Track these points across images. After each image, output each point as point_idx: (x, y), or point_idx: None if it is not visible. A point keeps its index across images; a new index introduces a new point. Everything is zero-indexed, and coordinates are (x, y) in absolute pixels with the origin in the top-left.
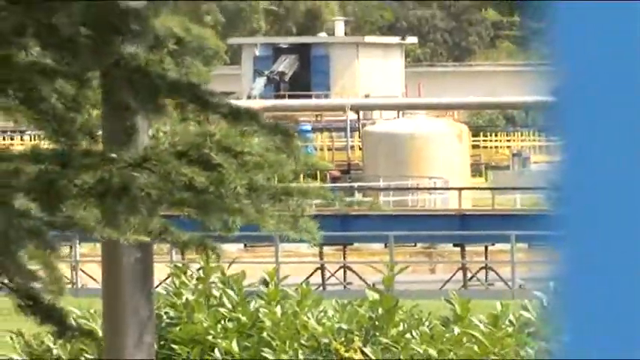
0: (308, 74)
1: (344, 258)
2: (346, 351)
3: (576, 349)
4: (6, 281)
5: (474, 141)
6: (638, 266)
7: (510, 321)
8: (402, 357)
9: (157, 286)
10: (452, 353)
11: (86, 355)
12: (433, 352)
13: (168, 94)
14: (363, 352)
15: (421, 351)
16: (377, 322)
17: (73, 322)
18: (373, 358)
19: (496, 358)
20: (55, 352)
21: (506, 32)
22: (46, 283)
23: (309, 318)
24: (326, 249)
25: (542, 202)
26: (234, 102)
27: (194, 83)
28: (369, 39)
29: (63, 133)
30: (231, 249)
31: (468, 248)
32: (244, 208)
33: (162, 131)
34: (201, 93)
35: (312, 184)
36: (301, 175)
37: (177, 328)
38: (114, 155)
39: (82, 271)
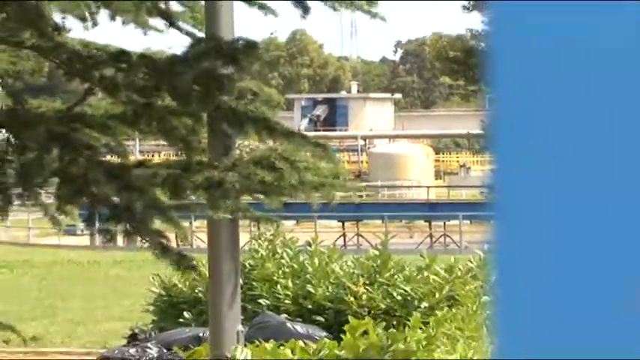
0: (334, 117)
1: (357, 229)
2: (356, 287)
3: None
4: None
5: (436, 158)
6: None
7: (459, 268)
8: (390, 290)
9: (243, 246)
10: (422, 288)
11: (199, 288)
12: (410, 288)
13: (250, 125)
14: (365, 288)
15: (403, 287)
16: (376, 269)
17: (192, 262)
18: (372, 289)
19: (450, 292)
20: (179, 285)
21: (456, 91)
22: (176, 237)
23: (335, 266)
24: (346, 224)
25: (478, 195)
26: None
27: (266, 118)
28: (372, 95)
29: (185, 150)
30: (288, 223)
31: (433, 223)
32: (296, 192)
33: (246, 148)
34: (270, 124)
35: (338, 181)
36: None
37: (255, 272)
38: (216, 163)
39: (197, 237)
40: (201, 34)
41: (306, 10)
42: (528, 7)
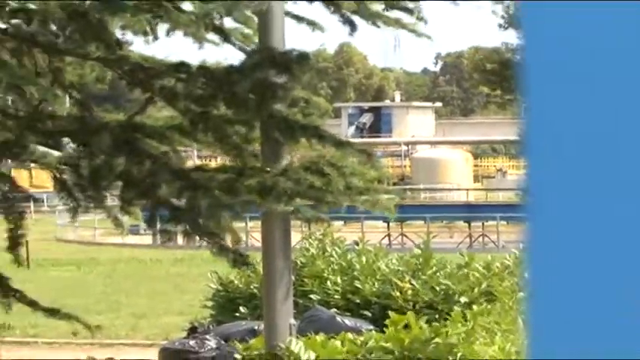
0: (379, 124)
1: (401, 229)
2: (401, 283)
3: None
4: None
5: (474, 162)
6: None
7: (496, 266)
8: (432, 286)
9: (294, 245)
10: (462, 284)
11: (254, 284)
12: (451, 283)
13: (300, 133)
14: (410, 283)
15: (444, 281)
16: (419, 266)
17: (247, 259)
18: (416, 285)
19: (488, 288)
20: (235, 282)
21: (493, 100)
22: (231, 239)
23: (381, 264)
24: (391, 224)
25: (514, 197)
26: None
27: (316, 126)
28: (414, 104)
29: (239, 157)
30: (336, 223)
31: (472, 224)
32: (343, 198)
33: (296, 154)
34: (319, 131)
35: (382, 185)
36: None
37: (306, 269)
38: (268, 168)
39: (252, 236)
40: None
41: (353, 26)
42: (557, 23)
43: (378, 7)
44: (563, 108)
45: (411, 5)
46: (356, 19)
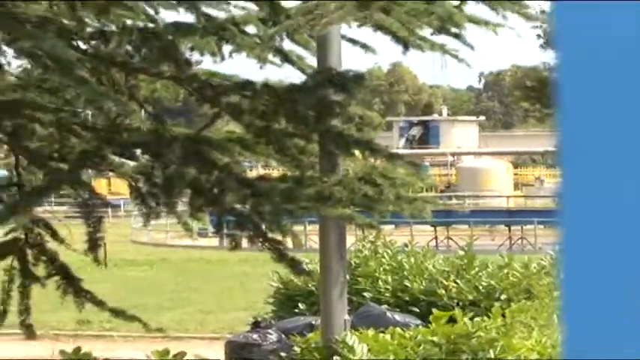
0: (427, 136)
1: (447, 232)
2: (446, 282)
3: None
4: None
5: (514, 172)
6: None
7: (534, 266)
8: (475, 284)
9: (349, 247)
10: (502, 282)
11: (312, 283)
12: (493, 282)
13: (354, 146)
14: (455, 282)
15: (486, 280)
16: (463, 267)
17: (304, 266)
18: (460, 284)
19: (526, 286)
20: (295, 281)
21: (532, 114)
22: (292, 243)
23: (428, 264)
24: (437, 228)
25: (550, 203)
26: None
27: (368, 140)
28: (459, 118)
29: (298, 168)
30: (387, 227)
31: (512, 228)
32: (393, 206)
33: (350, 165)
34: (372, 145)
35: (429, 194)
36: (425, 189)
37: (359, 269)
38: (325, 178)
39: (310, 238)
40: (309, 68)
41: (406, 46)
42: (590, 38)
43: (427, 32)
44: (594, 122)
45: (457, 31)
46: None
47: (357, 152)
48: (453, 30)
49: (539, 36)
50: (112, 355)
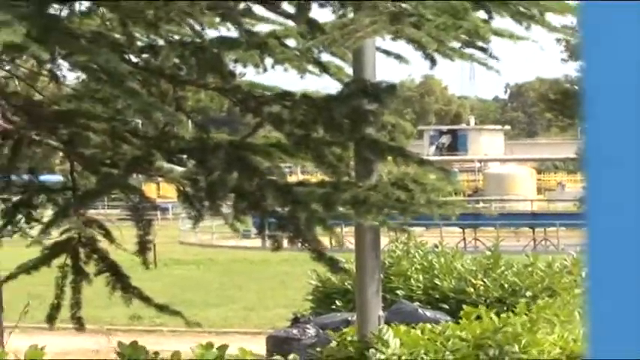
0: (456, 144)
1: (475, 234)
2: (474, 280)
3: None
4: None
5: (538, 177)
6: None
7: (557, 265)
8: (501, 283)
9: (383, 248)
10: (527, 281)
11: (348, 281)
12: (518, 280)
13: (388, 153)
14: (482, 281)
15: (511, 279)
16: (490, 266)
17: (340, 264)
18: (487, 282)
19: (549, 284)
20: (332, 279)
21: (555, 123)
22: (330, 240)
23: (457, 264)
24: (466, 230)
25: (572, 207)
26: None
27: (401, 147)
28: (486, 127)
29: (335, 174)
30: (418, 229)
31: (535, 229)
32: (424, 210)
33: (384, 171)
34: (404, 152)
35: (458, 198)
36: (453, 193)
37: (393, 268)
38: (360, 184)
39: (347, 240)
40: (346, 78)
41: (433, 62)
42: (615, 47)
43: (456, 44)
44: (614, 130)
45: (484, 45)
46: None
47: (390, 159)
48: (479, 43)
49: (562, 49)
50: (160, 348)
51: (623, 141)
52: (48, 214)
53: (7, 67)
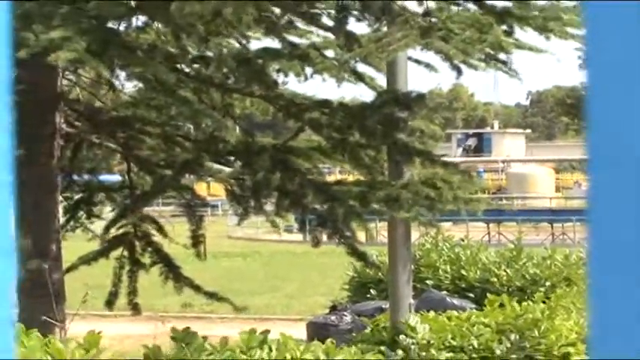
0: (481, 146)
1: (498, 228)
2: (498, 271)
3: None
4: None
5: (556, 177)
6: None
7: (574, 258)
8: (522, 273)
9: (414, 241)
10: (546, 272)
11: (381, 272)
12: (538, 271)
13: (416, 156)
14: (505, 271)
15: (532, 270)
16: (512, 258)
17: (372, 258)
18: (509, 273)
19: (567, 275)
20: (367, 270)
21: (572, 127)
22: (366, 234)
23: (482, 256)
24: (490, 225)
25: (585, 203)
26: (447, 159)
27: (428, 151)
28: (509, 130)
29: (370, 174)
30: (446, 224)
31: (554, 225)
32: (451, 206)
33: (415, 172)
34: (431, 155)
35: (483, 196)
36: (478, 191)
37: (422, 260)
38: (393, 182)
39: (381, 234)
40: (381, 86)
41: (459, 72)
42: (619, 51)
43: (481, 56)
44: (619, 132)
45: (505, 58)
46: (463, 65)
47: (418, 161)
48: (502, 55)
49: (579, 57)
50: (209, 334)
51: (624, 142)
52: (107, 210)
53: (71, 77)
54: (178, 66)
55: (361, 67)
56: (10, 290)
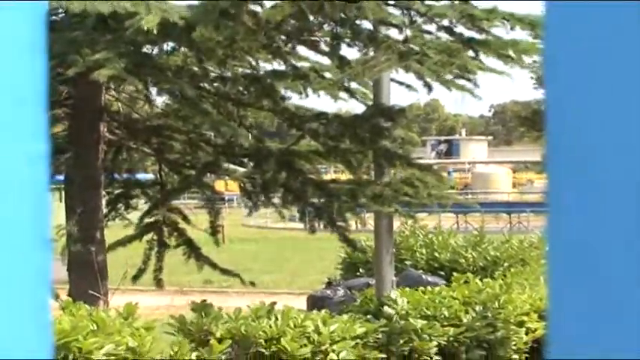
0: (451, 150)
1: (465, 218)
2: (465, 253)
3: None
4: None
5: (513, 175)
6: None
7: (527, 242)
8: (485, 255)
9: (395, 229)
10: (504, 254)
11: (369, 254)
12: (497, 254)
13: (397, 160)
14: (470, 254)
15: (492, 252)
16: (476, 242)
17: (363, 244)
18: (474, 255)
19: (521, 256)
20: (356, 253)
21: (527, 134)
22: (356, 222)
23: (452, 241)
24: (458, 215)
25: (538, 198)
26: (423, 162)
27: (407, 155)
28: (474, 137)
29: (358, 174)
30: (422, 215)
31: (511, 215)
32: (426, 201)
33: (396, 173)
34: (409, 159)
35: (452, 192)
36: (448, 188)
37: (402, 244)
38: (378, 182)
39: (368, 222)
40: (368, 102)
41: (430, 89)
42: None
43: (450, 76)
44: (578, 133)
45: (471, 77)
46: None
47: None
48: (467, 76)
49: (531, 77)
50: (225, 305)
51: (582, 143)
52: (141, 203)
53: (112, 93)
54: (201, 84)
55: (352, 85)
56: (48, 279)
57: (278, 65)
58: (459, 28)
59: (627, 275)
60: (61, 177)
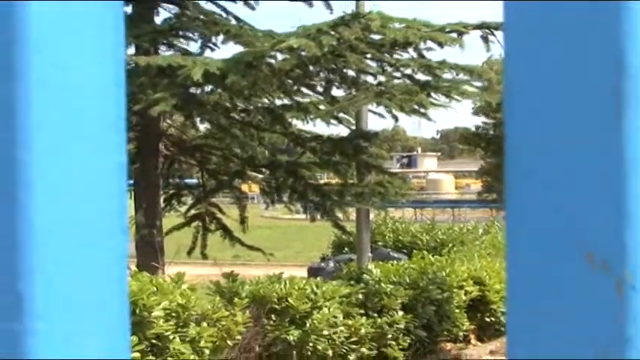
0: (411, 163)
1: (422, 211)
2: (421, 236)
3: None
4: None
5: (456, 181)
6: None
7: (466, 228)
8: (435, 238)
9: (371, 218)
10: (449, 237)
11: (352, 237)
12: (444, 237)
13: (373, 169)
14: (425, 237)
15: (440, 236)
16: (430, 229)
17: (348, 230)
18: (428, 238)
19: (461, 239)
20: (343, 237)
21: (467, 150)
22: (344, 215)
23: (412, 227)
24: (417, 209)
25: (472, 197)
26: (391, 171)
27: (380, 165)
28: (428, 153)
29: (345, 178)
30: (390, 209)
31: (455, 210)
32: (393, 198)
33: (372, 178)
34: (382, 169)
35: (412, 192)
36: (409, 189)
37: (376, 230)
38: (359, 184)
39: (352, 214)
40: (352, 127)
41: (396, 119)
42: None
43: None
44: (533, 142)
45: (425, 110)
46: (401, 114)
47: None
48: (422, 109)
49: (472, 108)
50: (248, 274)
51: (537, 154)
52: (189, 200)
53: (168, 121)
54: (231, 115)
55: (340, 115)
56: (126, 255)
57: (287, 101)
58: (419, 75)
59: (578, 277)
60: (132, 181)
